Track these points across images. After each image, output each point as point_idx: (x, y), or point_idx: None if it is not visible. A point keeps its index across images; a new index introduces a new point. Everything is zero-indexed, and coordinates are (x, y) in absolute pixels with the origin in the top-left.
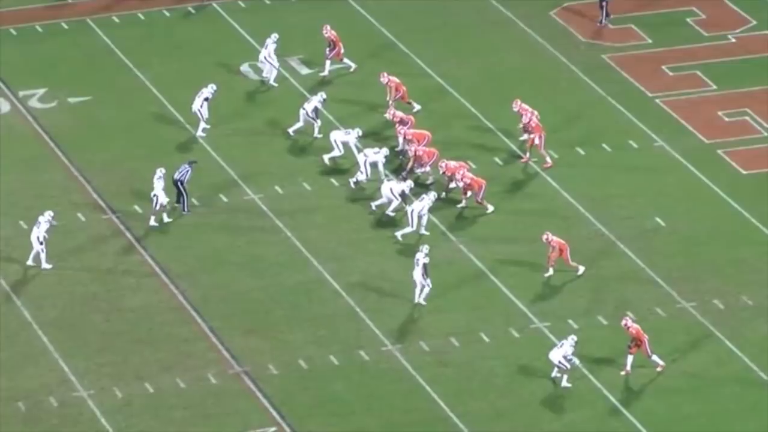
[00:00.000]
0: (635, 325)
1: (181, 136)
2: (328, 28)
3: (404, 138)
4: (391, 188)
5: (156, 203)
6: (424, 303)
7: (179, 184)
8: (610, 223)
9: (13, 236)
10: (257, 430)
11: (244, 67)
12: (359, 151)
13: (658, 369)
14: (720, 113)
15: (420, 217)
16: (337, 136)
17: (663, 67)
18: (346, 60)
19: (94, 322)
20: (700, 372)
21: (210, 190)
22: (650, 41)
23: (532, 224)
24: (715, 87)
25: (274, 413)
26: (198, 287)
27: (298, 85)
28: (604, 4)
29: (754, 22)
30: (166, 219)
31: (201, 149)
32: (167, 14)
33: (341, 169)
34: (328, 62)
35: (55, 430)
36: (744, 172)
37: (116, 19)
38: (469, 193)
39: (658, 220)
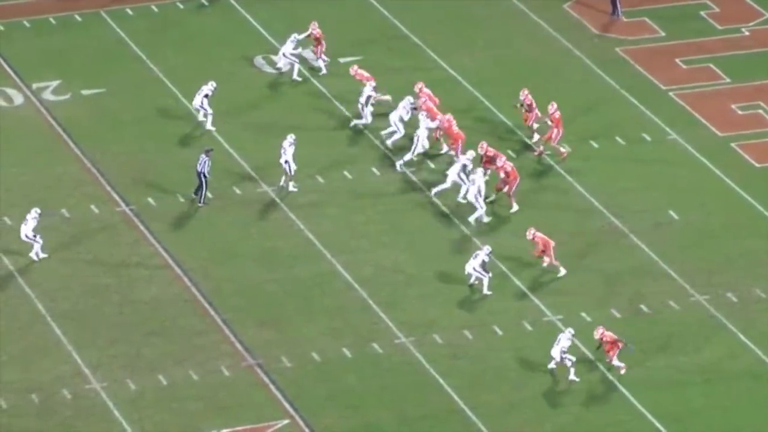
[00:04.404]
0: (609, 333)
1: (194, 128)
2: (315, 25)
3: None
4: (456, 171)
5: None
6: (489, 293)
7: (201, 175)
8: (623, 216)
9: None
10: (270, 422)
11: (258, 60)
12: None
13: (622, 371)
14: (733, 106)
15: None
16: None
17: (676, 60)
18: (322, 59)
19: (107, 314)
20: (712, 365)
21: (223, 183)
22: (663, 34)
23: (546, 217)
24: (728, 80)
25: (287, 406)
26: (211, 279)
27: (312, 77)
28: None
29: (767, 15)
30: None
31: (214, 141)
32: (181, 6)
33: (354, 161)
34: (321, 62)
35: (69, 423)
36: (757, 165)
37: (130, 11)
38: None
39: (671, 213)
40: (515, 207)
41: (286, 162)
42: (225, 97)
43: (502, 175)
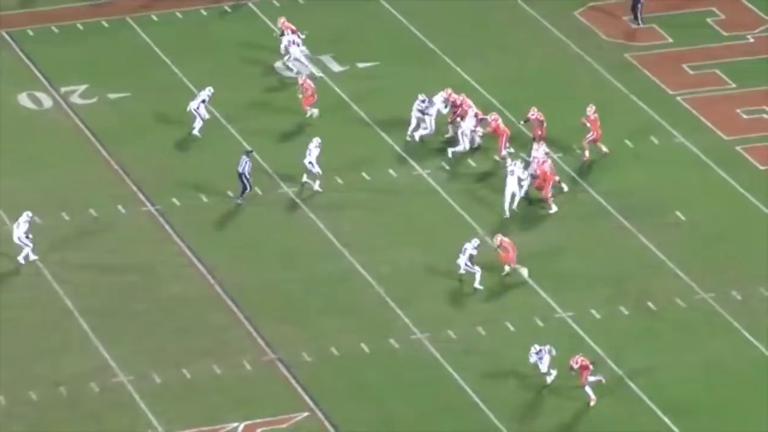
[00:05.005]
0: (583, 358)
1: (217, 130)
2: (284, 19)
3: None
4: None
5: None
6: (480, 287)
7: (243, 176)
8: (631, 217)
9: (55, 227)
10: (290, 414)
11: (278, 64)
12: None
13: (591, 403)
14: (739, 111)
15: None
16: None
17: (684, 65)
18: (283, 44)
19: (133, 311)
20: (718, 361)
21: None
22: (671, 41)
23: (556, 217)
24: (734, 85)
25: (307, 399)
26: (233, 277)
27: (331, 82)
28: (639, 6)
29: None
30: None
31: (235, 143)
32: (204, 13)
33: (372, 162)
34: (307, 64)
35: (96, 414)
36: (762, 168)
37: (155, 18)
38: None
39: (678, 213)
40: (554, 208)
41: (309, 163)
42: (245, 100)
43: (537, 172)
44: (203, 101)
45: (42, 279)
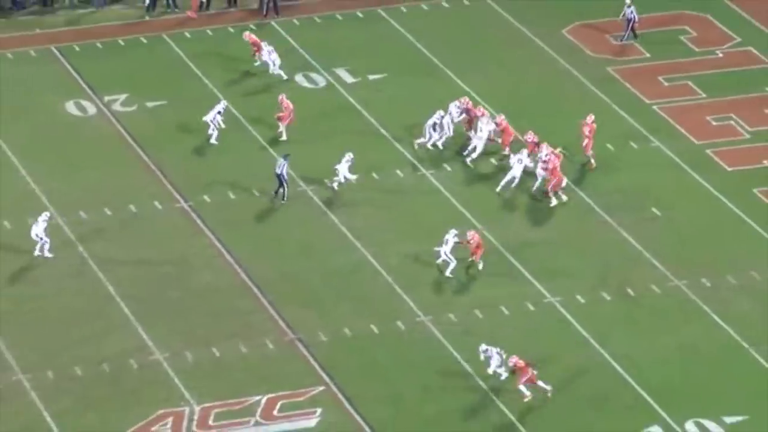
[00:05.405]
0: (521, 361)
1: (241, 135)
2: (248, 33)
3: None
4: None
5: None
6: (450, 276)
7: (281, 177)
8: (613, 213)
9: (99, 221)
10: (308, 388)
11: (298, 77)
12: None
13: (525, 399)
14: (708, 118)
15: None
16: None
17: (659, 77)
18: (261, 60)
19: (168, 297)
20: (690, 342)
21: (269, 184)
22: (649, 56)
23: (548, 213)
24: (704, 95)
25: (323, 374)
26: (258, 267)
27: (344, 92)
28: (635, 25)
29: (739, 39)
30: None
31: (260, 147)
32: (231, 30)
33: (381, 165)
34: (278, 69)
35: (135, 388)
36: (729, 169)
37: (188, 35)
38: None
39: (654, 210)
40: (554, 201)
41: (344, 177)
42: (268, 109)
43: (547, 167)
44: (219, 112)
45: (87, 268)
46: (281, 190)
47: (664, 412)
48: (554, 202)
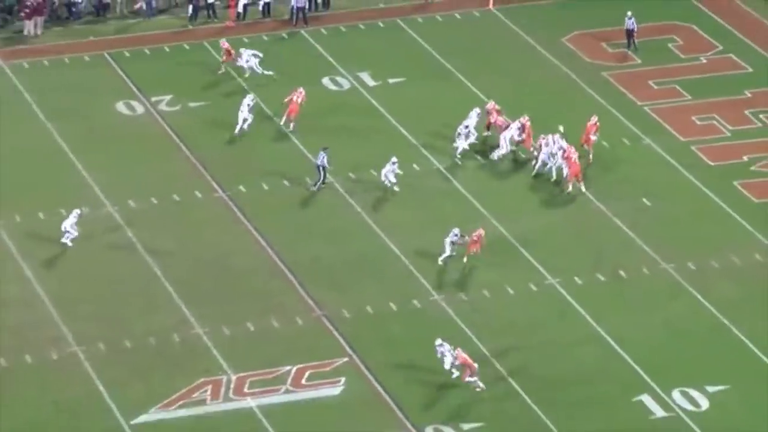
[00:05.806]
0: (463, 355)
1: (275, 132)
2: (224, 41)
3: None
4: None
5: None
6: (441, 263)
7: (321, 167)
8: (607, 203)
9: (146, 210)
10: (333, 359)
11: (325, 80)
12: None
13: (478, 389)
14: (693, 118)
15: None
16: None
17: (649, 81)
18: (239, 63)
19: (208, 278)
20: (677, 320)
21: (298, 175)
22: (639, 62)
23: (547, 202)
24: (690, 97)
25: (347, 347)
26: (290, 251)
27: (367, 94)
28: (635, 35)
29: (721, 47)
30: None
31: (289, 142)
32: (266, 38)
33: (399, 158)
34: (255, 66)
35: (178, 360)
36: (712, 164)
37: (227, 43)
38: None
39: (644, 200)
40: (570, 188)
41: (387, 178)
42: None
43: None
44: (248, 105)
45: (136, 252)
46: (320, 179)
47: (652, 382)
48: (570, 188)
